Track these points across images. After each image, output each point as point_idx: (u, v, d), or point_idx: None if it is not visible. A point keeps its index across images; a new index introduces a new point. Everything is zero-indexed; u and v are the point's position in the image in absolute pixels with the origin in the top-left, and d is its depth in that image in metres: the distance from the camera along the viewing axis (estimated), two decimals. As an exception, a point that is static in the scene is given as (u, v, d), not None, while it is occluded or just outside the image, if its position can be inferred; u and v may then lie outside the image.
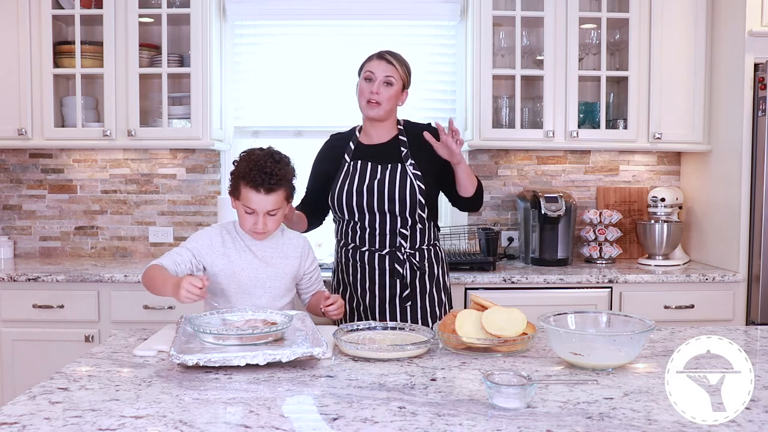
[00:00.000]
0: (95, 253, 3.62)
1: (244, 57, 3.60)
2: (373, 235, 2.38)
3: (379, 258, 2.39)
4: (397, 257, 2.38)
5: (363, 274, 2.41)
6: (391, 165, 2.38)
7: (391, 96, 2.37)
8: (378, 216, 2.36)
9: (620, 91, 3.43)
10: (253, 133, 3.64)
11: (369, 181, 2.37)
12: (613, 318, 1.77)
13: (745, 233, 3.06)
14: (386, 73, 2.36)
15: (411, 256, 2.40)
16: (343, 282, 2.49)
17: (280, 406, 1.38)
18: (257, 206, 2.02)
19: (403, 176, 2.36)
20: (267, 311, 1.91)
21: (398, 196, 2.34)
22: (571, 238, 3.38)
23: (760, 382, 1.50)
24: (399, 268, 2.39)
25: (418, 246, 2.42)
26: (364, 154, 2.44)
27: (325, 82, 3.58)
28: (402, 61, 2.42)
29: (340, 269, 2.50)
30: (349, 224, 2.42)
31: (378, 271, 2.40)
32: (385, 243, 2.38)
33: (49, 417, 1.28)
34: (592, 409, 1.33)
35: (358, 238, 2.40)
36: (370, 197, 2.35)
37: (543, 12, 3.26)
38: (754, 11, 3.00)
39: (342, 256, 2.48)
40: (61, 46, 3.29)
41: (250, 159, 2.04)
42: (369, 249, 2.40)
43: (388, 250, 2.39)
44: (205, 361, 1.56)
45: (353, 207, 2.37)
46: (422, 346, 1.71)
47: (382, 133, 2.45)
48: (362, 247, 2.41)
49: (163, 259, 2.03)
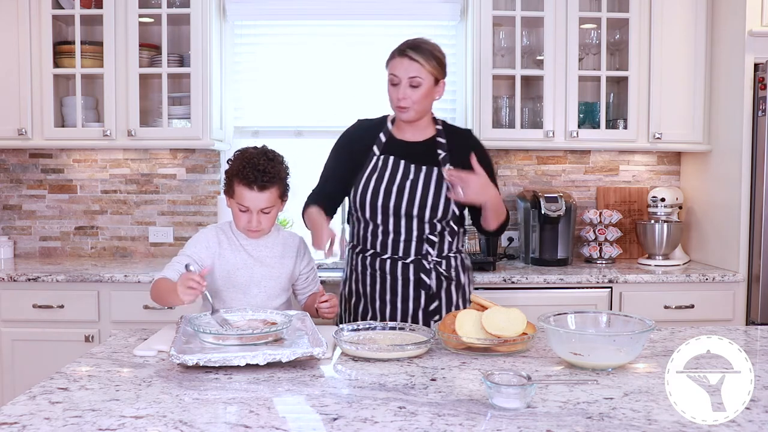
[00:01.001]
0: (95, 253, 3.61)
1: (244, 57, 3.60)
2: (397, 241, 2.17)
3: (402, 267, 2.17)
4: (423, 266, 2.18)
5: (383, 284, 2.20)
6: (426, 167, 2.17)
7: (420, 98, 2.13)
8: (404, 221, 2.15)
9: (620, 91, 3.43)
10: (253, 133, 3.64)
11: (400, 180, 2.16)
12: (613, 318, 1.77)
13: (745, 233, 3.05)
14: (410, 74, 2.11)
15: (437, 264, 2.20)
16: (357, 293, 2.26)
17: (281, 406, 1.38)
18: (251, 204, 2.02)
19: (439, 181, 2.15)
20: (267, 311, 1.91)
21: (431, 202, 2.14)
22: (571, 238, 3.38)
23: (760, 382, 1.50)
24: (425, 278, 2.18)
25: (445, 253, 2.22)
26: (396, 150, 2.21)
27: (324, 82, 3.58)
28: (429, 52, 2.13)
29: (355, 278, 2.26)
30: (369, 227, 2.20)
31: (401, 282, 2.18)
32: (410, 250, 2.17)
33: (49, 417, 1.28)
34: (592, 409, 1.33)
35: (380, 243, 2.19)
36: (399, 199, 2.14)
37: (543, 12, 3.26)
38: (754, 11, 3.00)
39: (357, 263, 2.25)
40: (61, 46, 3.29)
41: (243, 157, 2.04)
42: (391, 257, 2.18)
43: (413, 258, 2.18)
44: (205, 361, 1.56)
45: (378, 208, 2.16)
46: (422, 346, 1.71)
47: (417, 131, 2.23)
48: (383, 254, 2.19)
49: (167, 272, 2.02)
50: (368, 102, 3.32)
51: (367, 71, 3.53)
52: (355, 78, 3.56)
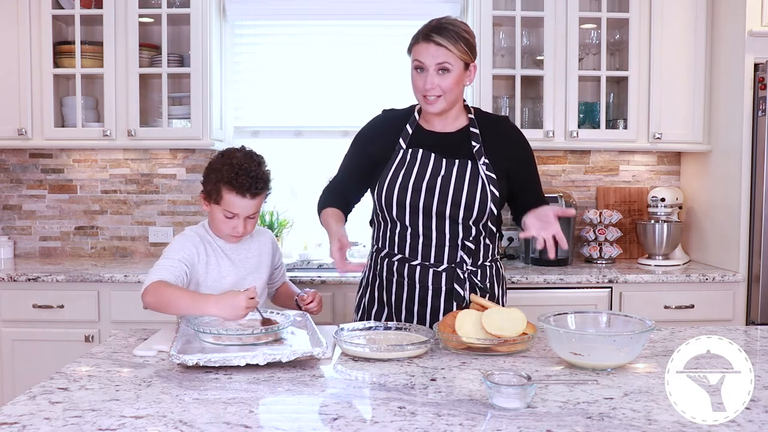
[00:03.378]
0: (95, 253, 3.61)
1: (244, 57, 3.60)
2: (428, 245, 1.96)
3: (434, 275, 1.97)
4: (457, 275, 1.97)
5: (411, 293, 2.00)
6: (459, 161, 1.95)
7: (450, 85, 1.91)
8: (435, 221, 1.94)
9: (620, 91, 3.43)
10: (253, 133, 3.64)
11: (430, 176, 1.94)
12: (613, 318, 1.77)
13: (745, 233, 3.05)
14: (438, 60, 1.88)
15: (473, 274, 1.99)
16: (381, 301, 2.06)
17: (281, 406, 1.38)
18: (241, 210, 1.96)
19: (474, 176, 1.94)
20: (267, 311, 1.91)
21: (465, 200, 1.93)
22: (571, 238, 3.38)
23: (760, 382, 1.50)
24: (459, 290, 1.97)
25: (481, 262, 2.01)
26: (425, 142, 1.99)
27: (325, 82, 3.58)
28: (456, 35, 1.90)
29: (378, 284, 2.05)
30: (396, 228, 1.99)
31: (432, 292, 1.98)
32: (443, 257, 1.97)
33: (49, 417, 1.28)
34: (592, 409, 1.33)
35: (409, 247, 1.98)
36: (430, 196, 1.93)
37: (543, 12, 3.26)
38: (754, 11, 3.00)
39: (383, 268, 2.03)
40: (61, 46, 3.29)
41: (232, 163, 1.95)
42: (422, 263, 1.97)
43: (446, 266, 1.97)
44: (205, 361, 1.56)
45: (406, 206, 1.95)
46: (422, 346, 1.71)
47: (447, 122, 2.01)
48: (413, 259, 1.98)
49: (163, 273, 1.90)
50: (368, 102, 3.32)
51: (367, 71, 3.53)
52: (355, 78, 3.55)
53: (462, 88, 1.97)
